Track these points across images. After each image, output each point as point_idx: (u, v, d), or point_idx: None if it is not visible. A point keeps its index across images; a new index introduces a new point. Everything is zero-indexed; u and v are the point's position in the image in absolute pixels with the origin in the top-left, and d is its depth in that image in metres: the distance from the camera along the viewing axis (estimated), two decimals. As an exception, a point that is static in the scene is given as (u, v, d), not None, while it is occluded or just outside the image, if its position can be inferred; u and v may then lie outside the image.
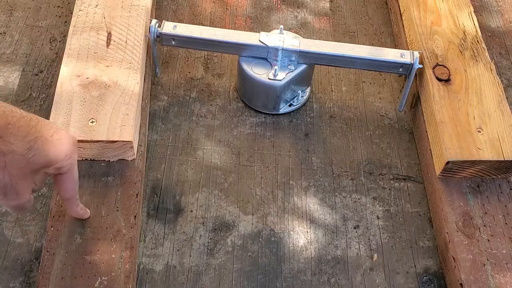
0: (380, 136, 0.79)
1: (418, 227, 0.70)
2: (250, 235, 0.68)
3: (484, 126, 0.70)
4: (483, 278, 0.61)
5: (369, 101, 0.83)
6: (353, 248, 0.68)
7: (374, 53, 0.76)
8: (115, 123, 0.66)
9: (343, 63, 0.77)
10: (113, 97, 0.68)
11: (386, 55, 0.76)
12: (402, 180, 0.75)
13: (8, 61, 0.83)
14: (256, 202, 0.71)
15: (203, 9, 0.93)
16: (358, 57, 0.75)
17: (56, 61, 0.83)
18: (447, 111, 0.71)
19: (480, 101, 0.72)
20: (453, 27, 0.81)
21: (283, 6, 0.95)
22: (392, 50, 0.77)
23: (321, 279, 0.65)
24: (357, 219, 0.71)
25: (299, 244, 0.68)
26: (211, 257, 0.66)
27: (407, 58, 0.75)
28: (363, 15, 0.95)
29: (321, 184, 0.73)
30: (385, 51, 0.76)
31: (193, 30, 0.77)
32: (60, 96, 0.68)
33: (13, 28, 0.87)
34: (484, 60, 0.77)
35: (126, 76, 0.71)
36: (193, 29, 0.77)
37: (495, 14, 0.96)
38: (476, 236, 0.64)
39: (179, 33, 0.76)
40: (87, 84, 0.69)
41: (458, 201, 0.67)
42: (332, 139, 0.78)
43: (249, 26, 0.91)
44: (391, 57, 0.76)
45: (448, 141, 0.68)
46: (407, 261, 0.67)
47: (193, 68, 0.85)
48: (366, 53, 0.76)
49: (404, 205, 0.72)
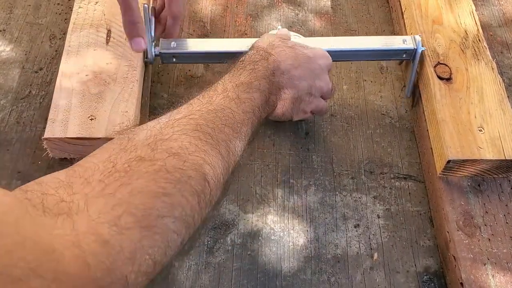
0: (381, 135, 0.79)
1: (419, 226, 0.70)
2: (250, 234, 0.68)
3: (485, 125, 0.69)
4: (483, 277, 0.61)
5: (370, 99, 0.83)
6: (353, 247, 0.68)
7: (376, 42, 0.77)
8: (114, 120, 0.65)
9: (345, 57, 0.77)
10: (112, 95, 0.68)
11: (388, 44, 0.76)
12: (402, 179, 0.75)
13: (8, 58, 0.83)
14: (256, 201, 0.71)
15: (204, 7, 0.93)
16: (360, 49, 0.75)
17: (56, 59, 0.83)
18: (449, 110, 0.71)
19: (481, 100, 0.72)
20: (455, 25, 0.81)
21: (283, 4, 0.95)
22: (393, 37, 0.77)
23: (321, 278, 0.65)
24: (357, 218, 0.70)
25: (299, 243, 0.68)
26: (211, 256, 0.66)
27: (409, 44, 0.75)
28: (364, 14, 0.95)
29: (321, 183, 0.73)
30: (386, 40, 0.77)
31: (194, 44, 0.75)
32: (59, 93, 0.68)
33: (13, 25, 0.87)
34: (485, 59, 0.77)
35: (126, 73, 0.71)
36: (194, 43, 0.75)
37: (496, 13, 0.96)
38: (477, 235, 0.64)
39: (180, 50, 0.74)
40: (86, 81, 0.69)
41: (458, 200, 0.67)
42: (332, 138, 0.78)
43: (250, 24, 0.91)
44: (393, 45, 0.76)
45: (449, 139, 0.67)
46: (407, 260, 0.67)
47: (193, 66, 0.85)
48: (368, 44, 0.76)
49: (404, 204, 0.72)
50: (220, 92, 0.54)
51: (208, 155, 0.44)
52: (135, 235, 0.35)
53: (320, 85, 0.66)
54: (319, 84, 0.66)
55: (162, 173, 0.40)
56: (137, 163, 0.40)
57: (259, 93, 0.57)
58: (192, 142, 0.44)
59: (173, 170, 0.40)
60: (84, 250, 0.31)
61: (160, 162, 0.40)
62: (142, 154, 0.41)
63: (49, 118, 0.66)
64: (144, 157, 0.40)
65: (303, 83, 0.64)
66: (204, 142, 0.45)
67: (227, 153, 0.48)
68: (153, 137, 0.43)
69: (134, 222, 0.36)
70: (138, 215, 0.36)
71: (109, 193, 0.36)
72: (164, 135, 0.44)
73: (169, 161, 0.41)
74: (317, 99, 0.68)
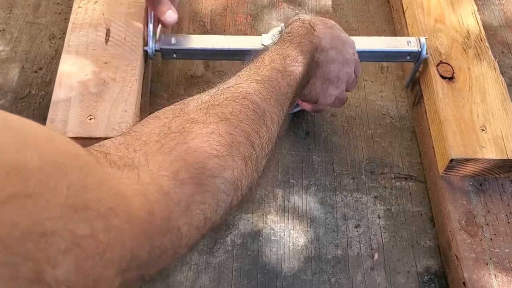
0: (382, 135, 0.78)
1: (419, 227, 0.70)
2: (250, 234, 0.67)
3: (487, 125, 0.69)
4: (485, 276, 0.60)
5: (370, 99, 0.82)
6: (354, 247, 0.67)
7: (379, 43, 0.75)
8: (113, 120, 0.65)
9: None
10: (111, 94, 0.68)
11: (391, 45, 0.75)
12: (403, 179, 0.74)
13: (7, 58, 0.82)
14: (256, 201, 0.70)
15: (204, 7, 0.92)
16: (362, 50, 0.74)
17: (55, 58, 0.82)
18: (451, 109, 0.70)
19: (483, 99, 0.72)
20: (457, 25, 0.81)
21: (284, 4, 0.94)
22: (397, 38, 0.76)
23: (321, 278, 0.64)
24: (358, 218, 0.70)
25: (300, 243, 0.67)
26: (211, 256, 0.65)
27: (413, 46, 0.74)
28: (364, 13, 0.94)
29: (321, 183, 0.73)
30: (390, 41, 0.76)
31: (194, 40, 0.75)
32: (58, 92, 0.67)
33: (12, 25, 0.87)
34: (487, 58, 0.77)
35: (125, 73, 0.70)
36: (195, 40, 0.75)
37: (497, 13, 0.96)
38: (479, 234, 0.64)
39: (181, 46, 0.74)
40: (86, 80, 0.69)
41: (461, 200, 0.66)
42: (333, 138, 0.78)
43: (250, 24, 0.91)
44: (397, 47, 0.75)
45: (452, 139, 0.67)
46: (408, 260, 0.67)
47: (193, 66, 0.84)
48: (370, 45, 0.75)
49: (405, 204, 0.72)
50: (267, 63, 0.55)
51: (255, 123, 0.46)
52: (189, 190, 0.38)
53: (348, 72, 0.66)
54: (347, 70, 0.66)
55: (214, 135, 0.42)
56: (191, 125, 0.42)
57: (302, 67, 0.57)
58: (241, 110, 0.46)
59: (224, 134, 0.43)
60: (149, 199, 0.34)
61: (213, 126, 0.43)
62: (196, 117, 0.43)
63: (49, 118, 0.65)
64: (197, 119, 0.43)
65: (335, 66, 0.64)
66: (252, 111, 0.47)
67: (271, 123, 0.49)
68: (205, 103, 0.46)
69: (189, 178, 0.38)
70: (193, 172, 0.38)
71: (166, 151, 0.39)
72: (215, 101, 0.46)
73: (221, 125, 0.43)
74: (343, 86, 0.67)
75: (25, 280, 0.21)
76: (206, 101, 0.46)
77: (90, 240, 0.25)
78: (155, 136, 0.41)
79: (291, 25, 0.63)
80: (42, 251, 0.22)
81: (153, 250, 0.33)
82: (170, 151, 0.39)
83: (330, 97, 0.66)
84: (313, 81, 0.63)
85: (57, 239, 0.23)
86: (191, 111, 0.44)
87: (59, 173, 0.25)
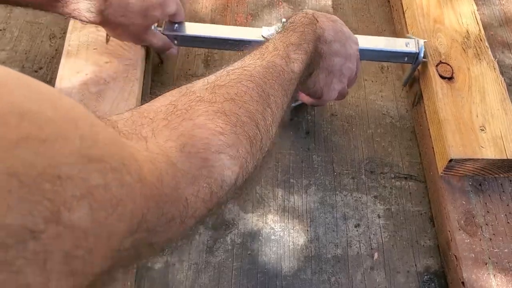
0: (382, 135, 0.79)
1: (419, 226, 0.70)
2: (250, 234, 0.68)
3: (487, 125, 0.69)
4: (484, 276, 0.61)
5: (370, 99, 0.83)
6: (354, 247, 0.67)
7: (377, 42, 0.75)
8: (114, 119, 0.65)
9: None
10: (112, 94, 0.68)
11: (390, 45, 0.75)
12: (403, 179, 0.74)
13: (8, 57, 0.82)
14: (256, 200, 0.70)
15: (204, 6, 0.92)
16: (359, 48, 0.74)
17: (56, 58, 0.82)
18: (450, 109, 0.70)
19: (483, 99, 0.72)
20: (456, 25, 0.81)
21: (284, 3, 0.94)
22: (396, 39, 0.76)
23: (321, 277, 0.65)
24: (357, 217, 0.70)
25: (299, 243, 0.67)
26: (211, 255, 0.65)
27: (412, 47, 0.74)
28: (364, 13, 0.95)
29: (321, 183, 0.73)
30: (388, 41, 0.76)
31: (195, 28, 0.76)
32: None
33: (12, 24, 0.87)
34: (487, 58, 0.77)
35: (126, 72, 0.70)
36: (196, 28, 0.76)
37: (497, 13, 0.96)
38: (478, 234, 0.64)
39: (182, 32, 0.75)
40: (86, 80, 0.69)
41: (460, 200, 0.67)
42: (333, 138, 0.78)
43: (250, 23, 0.91)
44: (395, 47, 0.75)
45: (451, 138, 0.67)
46: (408, 260, 0.67)
47: (193, 65, 0.85)
48: (369, 44, 0.75)
49: (405, 204, 0.72)
50: (271, 50, 0.55)
51: (259, 105, 0.47)
52: (196, 163, 0.39)
53: (350, 67, 0.66)
54: (350, 65, 0.66)
55: (220, 114, 0.43)
56: (196, 103, 0.43)
57: (306, 55, 0.58)
58: (247, 91, 0.47)
59: (230, 114, 0.43)
60: (158, 167, 0.34)
61: (218, 105, 0.44)
62: (202, 96, 0.44)
63: (49, 117, 0.65)
64: (203, 98, 0.44)
65: (338, 59, 0.64)
66: (256, 93, 0.48)
67: (275, 107, 0.50)
68: (211, 84, 0.46)
69: (196, 153, 0.39)
70: (199, 147, 0.39)
71: (173, 127, 0.40)
72: (221, 82, 0.47)
73: (226, 105, 0.44)
74: (346, 80, 0.68)
75: (43, 219, 0.21)
76: (212, 81, 0.47)
77: (103, 191, 0.25)
78: (161, 114, 0.41)
79: (294, 16, 0.64)
80: (58, 194, 0.22)
81: (161, 216, 0.34)
82: (176, 126, 0.40)
83: (334, 92, 0.67)
84: (317, 72, 0.63)
85: (72, 185, 0.23)
86: (197, 90, 0.45)
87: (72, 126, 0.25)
